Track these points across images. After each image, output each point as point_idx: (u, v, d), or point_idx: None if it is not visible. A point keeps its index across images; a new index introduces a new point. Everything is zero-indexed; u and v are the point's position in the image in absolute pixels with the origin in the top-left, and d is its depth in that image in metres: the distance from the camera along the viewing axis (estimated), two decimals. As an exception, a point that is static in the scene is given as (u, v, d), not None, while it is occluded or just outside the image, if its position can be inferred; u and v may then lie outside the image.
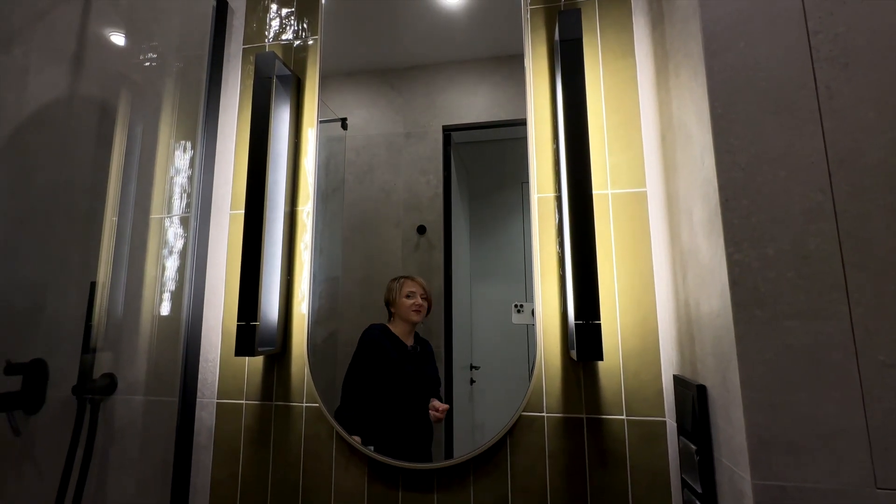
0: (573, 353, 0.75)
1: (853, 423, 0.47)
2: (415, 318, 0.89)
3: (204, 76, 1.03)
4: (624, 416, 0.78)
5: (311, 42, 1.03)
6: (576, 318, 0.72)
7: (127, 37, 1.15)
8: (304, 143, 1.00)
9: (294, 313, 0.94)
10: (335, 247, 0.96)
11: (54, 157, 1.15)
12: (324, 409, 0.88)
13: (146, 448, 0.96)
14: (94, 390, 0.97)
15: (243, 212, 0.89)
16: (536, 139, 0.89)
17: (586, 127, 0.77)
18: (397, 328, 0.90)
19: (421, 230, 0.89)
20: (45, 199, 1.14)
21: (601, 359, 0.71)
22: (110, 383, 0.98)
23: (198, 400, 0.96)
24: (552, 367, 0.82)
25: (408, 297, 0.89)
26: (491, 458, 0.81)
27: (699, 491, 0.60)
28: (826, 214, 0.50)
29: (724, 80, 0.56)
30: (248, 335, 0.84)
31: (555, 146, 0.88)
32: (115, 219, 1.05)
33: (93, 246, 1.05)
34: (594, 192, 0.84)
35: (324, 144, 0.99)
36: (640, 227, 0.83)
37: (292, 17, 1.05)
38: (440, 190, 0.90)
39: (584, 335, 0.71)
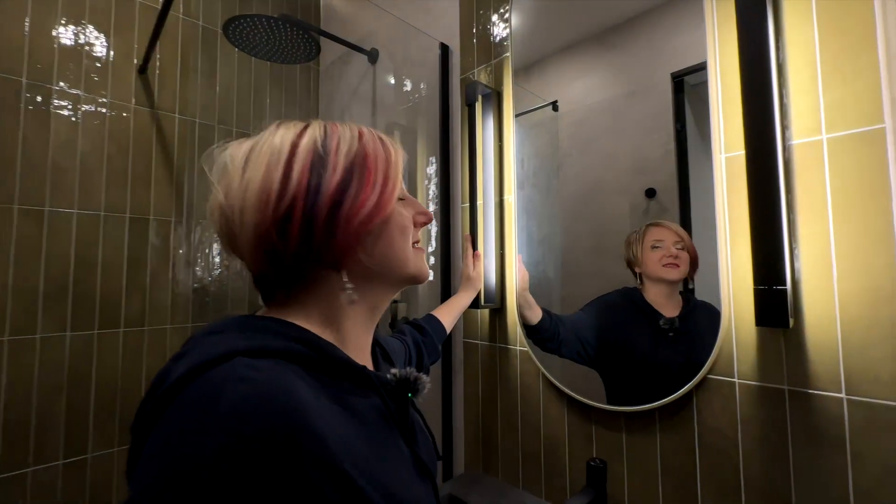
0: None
1: None
2: (670, 274, 0.71)
3: (437, 108, 1.43)
4: (843, 395, 0.68)
5: (503, 59, 1.26)
6: (756, 284, 0.69)
7: (394, 92, 1.68)
8: (507, 143, 1.24)
9: (507, 279, 1.22)
10: (557, 221, 1.05)
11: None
12: (531, 353, 1.13)
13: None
14: (396, 326, 1.53)
15: (468, 205, 1.24)
16: (722, 81, 0.82)
17: (766, 48, 0.68)
18: (651, 293, 0.75)
19: (650, 193, 0.81)
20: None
21: (786, 325, 0.66)
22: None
23: (453, 340, 1.39)
24: (745, 333, 0.78)
25: (654, 247, 0.73)
26: (676, 411, 0.87)
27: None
28: None
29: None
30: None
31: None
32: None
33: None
34: (799, 140, 0.74)
35: (535, 132, 1.13)
36: (872, 175, 0.67)
37: (490, 41, 1.30)
38: (671, 146, 0.78)
39: (765, 301, 0.68)
